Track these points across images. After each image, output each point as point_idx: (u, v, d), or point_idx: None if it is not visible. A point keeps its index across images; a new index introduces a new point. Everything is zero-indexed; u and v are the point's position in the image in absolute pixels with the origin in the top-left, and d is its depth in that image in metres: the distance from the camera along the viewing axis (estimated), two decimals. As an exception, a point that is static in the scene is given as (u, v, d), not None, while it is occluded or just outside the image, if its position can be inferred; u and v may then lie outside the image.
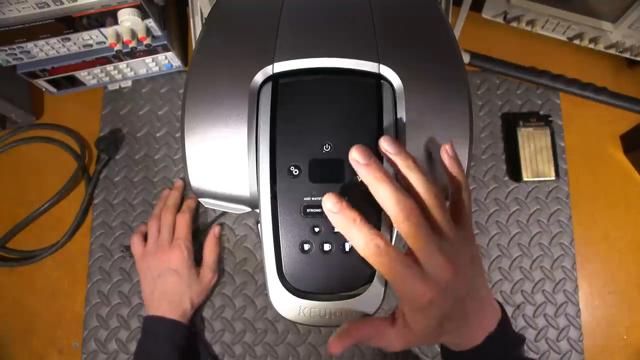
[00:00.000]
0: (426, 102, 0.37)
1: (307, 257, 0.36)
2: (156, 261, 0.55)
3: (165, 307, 0.53)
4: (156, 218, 0.58)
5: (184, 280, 0.54)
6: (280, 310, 0.36)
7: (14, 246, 0.62)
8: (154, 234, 0.57)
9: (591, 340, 0.58)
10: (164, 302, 0.53)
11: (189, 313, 0.54)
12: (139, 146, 0.65)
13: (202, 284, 0.56)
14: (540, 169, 0.61)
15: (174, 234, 0.56)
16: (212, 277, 0.57)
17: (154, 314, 0.53)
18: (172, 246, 0.55)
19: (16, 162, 0.65)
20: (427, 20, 0.41)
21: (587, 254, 0.61)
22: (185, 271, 0.54)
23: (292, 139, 0.36)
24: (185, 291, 0.54)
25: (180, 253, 0.54)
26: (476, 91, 0.66)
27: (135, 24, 0.54)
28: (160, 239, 0.56)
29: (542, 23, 0.61)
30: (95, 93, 0.67)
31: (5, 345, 0.59)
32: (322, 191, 0.36)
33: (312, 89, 0.37)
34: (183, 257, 0.54)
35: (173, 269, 0.54)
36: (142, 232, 0.58)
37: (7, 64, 0.56)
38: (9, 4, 0.47)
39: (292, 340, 0.58)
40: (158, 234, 0.57)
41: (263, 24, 0.40)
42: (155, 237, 0.56)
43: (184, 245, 0.55)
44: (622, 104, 0.64)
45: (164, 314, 0.52)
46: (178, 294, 0.53)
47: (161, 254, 0.55)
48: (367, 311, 0.36)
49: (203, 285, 0.56)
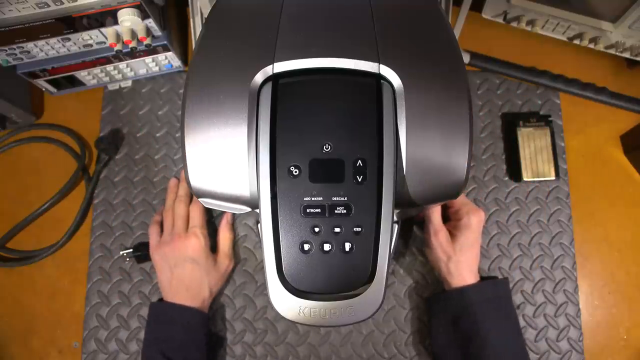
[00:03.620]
0: (426, 102, 0.37)
1: (307, 257, 0.36)
2: (173, 250, 0.54)
3: (183, 296, 0.53)
4: (170, 209, 0.58)
5: (202, 268, 0.54)
6: (280, 310, 0.36)
7: (14, 246, 0.62)
8: (169, 224, 0.56)
9: (591, 340, 0.58)
10: (182, 290, 0.53)
11: (208, 301, 0.55)
12: (139, 146, 0.65)
13: (220, 271, 0.56)
14: (540, 169, 0.61)
15: (189, 223, 0.56)
16: (229, 264, 0.57)
17: (171, 301, 0.53)
18: (188, 235, 0.54)
19: (16, 162, 0.65)
20: (427, 20, 0.41)
21: (587, 254, 0.61)
22: (202, 259, 0.54)
23: (292, 139, 0.36)
24: (205, 279, 0.54)
25: (197, 241, 0.54)
26: (476, 91, 0.66)
27: (135, 24, 0.54)
28: (176, 229, 0.55)
29: (542, 23, 0.61)
30: (95, 93, 0.67)
31: (5, 345, 0.59)
32: (322, 191, 0.36)
33: (312, 89, 0.37)
34: (200, 244, 0.54)
35: (190, 257, 0.53)
36: (157, 222, 0.58)
37: (7, 64, 0.56)
38: (9, 4, 0.47)
39: (292, 340, 0.58)
40: (173, 225, 0.56)
41: (263, 24, 0.40)
42: (170, 228, 0.56)
43: (200, 233, 0.55)
44: (622, 104, 0.64)
45: (183, 302, 0.52)
46: (197, 283, 0.53)
47: (177, 243, 0.54)
48: (367, 311, 0.36)
49: (221, 272, 0.56)
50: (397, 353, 0.57)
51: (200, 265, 0.54)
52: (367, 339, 0.58)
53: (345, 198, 0.36)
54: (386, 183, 0.36)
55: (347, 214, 0.36)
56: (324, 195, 0.36)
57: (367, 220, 0.36)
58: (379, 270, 0.36)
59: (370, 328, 0.58)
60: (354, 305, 0.35)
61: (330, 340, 0.58)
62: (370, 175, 0.36)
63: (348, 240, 0.36)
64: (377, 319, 0.58)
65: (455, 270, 0.52)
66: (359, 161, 0.36)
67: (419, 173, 0.37)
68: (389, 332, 0.58)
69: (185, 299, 0.53)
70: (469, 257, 0.53)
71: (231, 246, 0.58)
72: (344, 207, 0.36)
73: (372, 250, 0.36)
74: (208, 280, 0.54)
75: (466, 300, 0.51)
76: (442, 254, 0.53)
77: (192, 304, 0.53)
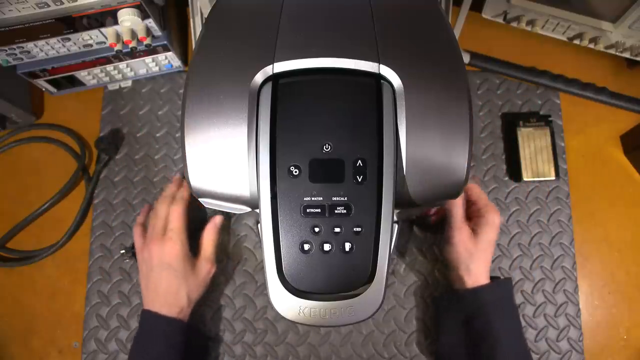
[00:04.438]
0: (426, 102, 0.37)
1: (307, 257, 0.36)
2: (150, 255, 0.52)
3: (160, 303, 0.51)
4: (154, 210, 0.55)
5: (179, 274, 0.51)
6: (280, 310, 0.36)
7: (14, 246, 0.62)
8: (151, 224, 0.54)
9: (591, 340, 0.58)
10: (158, 297, 0.51)
11: (187, 309, 0.52)
12: (139, 146, 0.65)
13: (199, 277, 0.53)
14: (540, 169, 0.61)
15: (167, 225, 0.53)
16: (209, 269, 0.54)
17: (149, 309, 0.51)
18: (164, 239, 0.52)
19: (16, 162, 0.65)
20: (427, 20, 0.41)
21: (587, 254, 0.61)
22: (180, 265, 0.51)
23: (292, 139, 0.36)
24: (182, 286, 0.51)
25: (173, 246, 0.51)
26: (476, 91, 0.66)
27: (135, 24, 0.54)
28: (154, 231, 0.53)
29: (542, 23, 0.61)
30: (95, 93, 0.67)
31: (5, 345, 0.59)
32: (322, 191, 0.36)
33: (312, 89, 0.37)
34: (176, 249, 0.51)
35: (166, 263, 0.51)
36: (140, 224, 0.56)
37: (7, 64, 0.56)
38: (9, 4, 0.47)
39: (292, 340, 0.58)
40: None
41: (263, 24, 0.40)
42: (151, 229, 0.53)
43: (177, 237, 0.51)
44: (622, 104, 0.64)
45: (158, 310, 0.50)
46: (173, 289, 0.51)
47: (154, 246, 0.52)
48: (367, 311, 0.36)
49: (200, 278, 0.53)
50: (397, 353, 0.57)
51: (176, 271, 0.51)
52: (367, 339, 0.58)
53: (345, 198, 0.36)
54: (386, 183, 0.36)
55: (347, 214, 0.36)
56: (324, 195, 0.36)
57: (367, 220, 0.36)
58: (379, 270, 0.36)
59: (370, 328, 0.58)
60: (354, 305, 0.36)
61: (330, 340, 0.58)
62: (370, 175, 0.36)
63: (348, 240, 0.36)
64: (377, 319, 0.58)
65: (475, 268, 0.51)
66: (359, 161, 0.36)
67: (419, 173, 0.37)
68: (389, 332, 0.58)
69: (162, 306, 0.50)
70: (487, 255, 0.52)
71: (214, 250, 0.55)
72: (344, 207, 0.36)
73: (372, 250, 0.36)
74: (186, 287, 0.51)
75: (480, 300, 0.50)
76: (463, 250, 0.51)
77: (169, 312, 0.50)
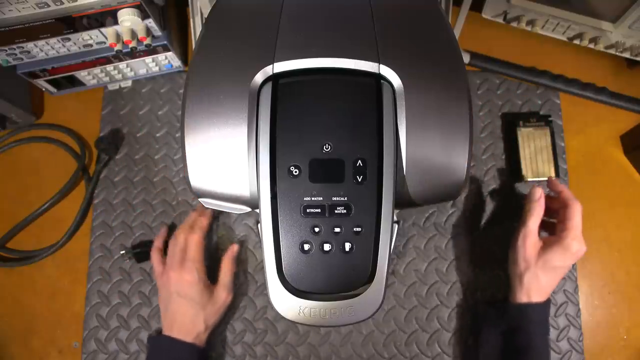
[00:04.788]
0: (426, 102, 0.37)
1: (307, 257, 0.36)
2: (168, 282, 0.53)
3: (177, 330, 0.52)
4: (174, 237, 0.56)
5: (196, 303, 0.52)
6: (280, 310, 0.36)
7: (14, 246, 0.62)
8: (170, 253, 0.55)
9: (591, 340, 0.58)
10: (175, 324, 0.52)
11: (204, 335, 0.53)
12: (139, 146, 0.65)
13: (217, 305, 0.54)
14: (540, 169, 0.61)
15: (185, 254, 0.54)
16: (226, 297, 0.55)
17: (167, 334, 0.52)
18: (183, 268, 0.53)
19: (16, 162, 0.65)
20: (427, 20, 0.41)
21: (587, 254, 0.60)
22: (196, 294, 0.52)
23: (292, 139, 0.36)
24: (199, 313, 0.52)
25: (190, 276, 0.52)
26: (476, 91, 0.66)
27: (135, 24, 0.54)
28: (173, 259, 0.54)
29: (542, 23, 0.61)
30: (95, 93, 0.67)
31: (5, 345, 0.59)
32: (322, 191, 0.36)
33: (312, 89, 0.37)
34: (193, 280, 0.52)
35: (184, 293, 0.52)
36: (158, 249, 0.57)
37: (7, 64, 0.56)
38: (9, 4, 0.47)
39: (292, 340, 0.58)
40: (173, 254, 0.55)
41: (263, 24, 0.40)
42: (170, 257, 0.55)
43: (194, 267, 0.53)
44: (622, 104, 0.64)
45: (176, 336, 0.52)
46: (190, 318, 0.52)
47: (173, 274, 0.53)
48: (367, 311, 0.36)
49: (217, 306, 0.54)
50: (397, 353, 0.57)
51: (194, 300, 0.52)
52: (367, 339, 0.58)
53: (345, 198, 0.36)
54: (386, 183, 0.36)
55: (347, 214, 0.36)
56: (324, 195, 0.36)
57: (367, 220, 0.36)
58: (379, 270, 0.36)
59: (370, 328, 0.58)
60: (354, 305, 0.36)
61: (330, 340, 0.58)
62: (370, 175, 0.36)
63: (348, 240, 0.36)
64: (377, 319, 0.58)
65: (527, 284, 0.49)
66: (359, 161, 0.36)
67: (419, 173, 0.37)
68: (389, 332, 0.58)
69: (179, 332, 0.52)
70: (548, 278, 0.50)
71: (232, 279, 0.56)
72: (344, 207, 0.36)
73: (372, 250, 0.36)
74: (204, 314, 0.52)
75: (527, 318, 0.50)
76: (522, 261, 0.50)
77: (186, 337, 0.51)
